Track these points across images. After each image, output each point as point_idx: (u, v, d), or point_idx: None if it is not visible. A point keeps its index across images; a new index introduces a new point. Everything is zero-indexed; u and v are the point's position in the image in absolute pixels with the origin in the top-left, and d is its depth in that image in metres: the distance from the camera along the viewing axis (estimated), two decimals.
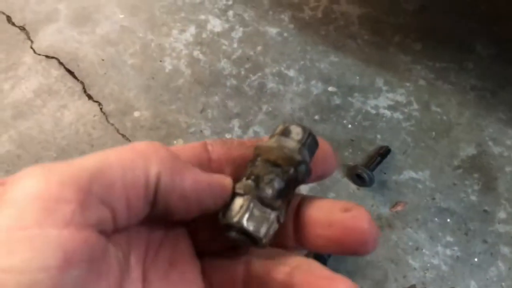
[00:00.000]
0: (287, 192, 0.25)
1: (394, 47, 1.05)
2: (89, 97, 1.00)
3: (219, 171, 0.26)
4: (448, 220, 0.85)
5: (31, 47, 1.07)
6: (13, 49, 1.06)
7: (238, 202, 0.24)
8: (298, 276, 0.23)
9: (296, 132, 0.26)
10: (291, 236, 0.26)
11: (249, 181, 0.25)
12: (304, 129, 0.26)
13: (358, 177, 0.86)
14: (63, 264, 0.19)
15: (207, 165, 0.26)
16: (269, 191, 0.24)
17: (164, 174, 0.23)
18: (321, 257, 0.78)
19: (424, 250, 0.83)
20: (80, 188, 0.20)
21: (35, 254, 0.19)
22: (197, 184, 0.24)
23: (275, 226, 0.25)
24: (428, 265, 0.81)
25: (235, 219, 0.24)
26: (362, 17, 1.09)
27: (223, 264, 0.26)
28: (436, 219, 0.85)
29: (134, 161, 0.22)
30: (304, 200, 0.26)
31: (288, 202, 0.25)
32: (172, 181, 0.23)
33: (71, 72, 1.03)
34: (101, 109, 0.98)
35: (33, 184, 0.20)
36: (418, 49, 1.04)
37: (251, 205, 0.24)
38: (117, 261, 0.23)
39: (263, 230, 0.24)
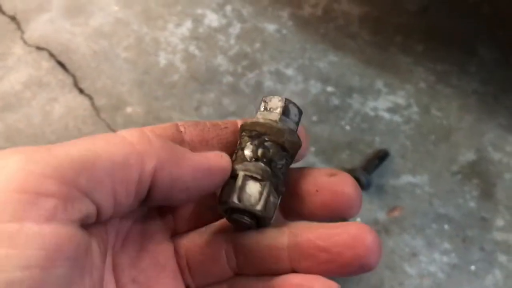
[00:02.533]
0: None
1: (395, 48, 1.03)
2: (80, 90, 0.97)
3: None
4: (446, 226, 0.84)
5: (22, 38, 1.03)
6: (3, 39, 1.03)
7: (256, 187, 0.23)
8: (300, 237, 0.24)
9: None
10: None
11: (262, 165, 0.24)
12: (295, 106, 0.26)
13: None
14: (45, 263, 0.17)
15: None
16: (281, 178, 0.24)
17: (161, 169, 0.21)
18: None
19: (421, 257, 0.81)
20: (64, 181, 0.18)
21: (13, 251, 0.17)
22: (196, 172, 0.22)
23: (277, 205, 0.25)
24: (425, 272, 0.80)
25: (258, 207, 0.23)
26: (362, 17, 1.07)
27: (201, 242, 0.25)
28: (433, 225, 0.84)
29: (126, 156, 0.20)
30: (290, 170, 0.26)
31: None
32: (170, 174, 0.21)
33: (62, 65, 1.00)
34: (92, 103, 0.95)
35: (12, 174, 0.18)
36: (419, 51, 1.02)
37: (270, 191, 0.24)
38: (99, 255, 0.21)
39: (273, 214, 0.24)
